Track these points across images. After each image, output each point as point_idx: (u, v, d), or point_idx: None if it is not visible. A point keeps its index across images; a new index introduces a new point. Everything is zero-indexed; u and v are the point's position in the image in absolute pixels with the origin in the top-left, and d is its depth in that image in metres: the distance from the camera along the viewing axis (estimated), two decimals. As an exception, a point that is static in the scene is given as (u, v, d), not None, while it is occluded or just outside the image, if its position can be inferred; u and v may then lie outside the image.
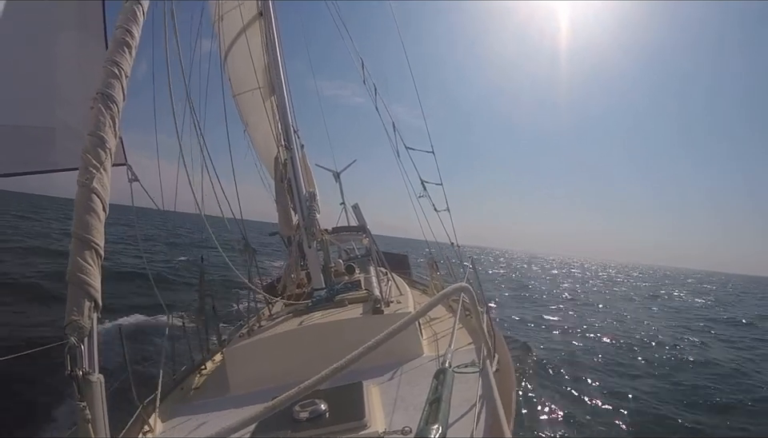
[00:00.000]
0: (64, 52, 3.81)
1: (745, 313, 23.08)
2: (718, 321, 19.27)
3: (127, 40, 2.25)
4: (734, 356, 11.87)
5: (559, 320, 16.21)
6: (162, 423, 3.19)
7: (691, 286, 51.65)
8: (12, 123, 3.54)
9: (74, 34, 3.85)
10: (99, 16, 3.97)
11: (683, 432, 6.65)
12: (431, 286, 6.37)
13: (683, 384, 9.04)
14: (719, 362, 10.89)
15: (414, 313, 1.87)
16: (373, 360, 3.06)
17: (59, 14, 3.78)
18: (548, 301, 22.41)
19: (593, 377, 9.02)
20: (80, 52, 3.87)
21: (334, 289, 4.90)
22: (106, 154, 1.94)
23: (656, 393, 8.30)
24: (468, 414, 2.23)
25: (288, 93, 6.18)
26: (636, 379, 9.27)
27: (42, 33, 3.64)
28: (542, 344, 11.62)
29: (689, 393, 8.46)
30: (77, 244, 1.74)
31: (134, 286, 13.41)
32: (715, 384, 9.08)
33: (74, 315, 1.62)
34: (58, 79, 3.80)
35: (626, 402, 7.65)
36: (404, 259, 11.75)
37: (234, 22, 7.20)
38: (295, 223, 5.96)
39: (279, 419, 2.31)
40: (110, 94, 2.06)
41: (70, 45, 3.83)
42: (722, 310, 24.97)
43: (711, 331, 16.30)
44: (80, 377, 1.55)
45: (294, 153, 5.80)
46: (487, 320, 3.42)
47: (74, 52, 3.85)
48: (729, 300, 34.22)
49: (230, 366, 3.77)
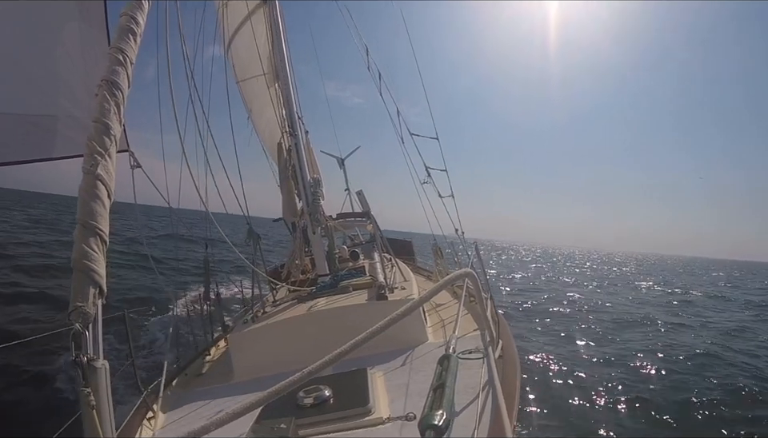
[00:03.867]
0: (65, 39, 3.78)
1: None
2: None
3: (132, 27, 2.23)
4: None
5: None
6: (166, 409, 3.21)
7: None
8: (13, 111, 3.53)
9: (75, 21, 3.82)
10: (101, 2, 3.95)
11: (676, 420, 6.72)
12: (435, 272, 6.38)
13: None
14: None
15: (418, 299, 1.87)
16: (377, 347, 3.07)
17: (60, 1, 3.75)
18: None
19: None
20: (81, 39, 3.84)
21: (339, 275, 4.91)
22: (110, 141, 1.93)
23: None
24: (472, 400, 2.24)
25: (293, 80, 6.15)
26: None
27: (42, 21, 3.62)
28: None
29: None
30: (81, 230, 1.74)
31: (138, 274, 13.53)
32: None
33: (79, 301, 1.62)
34: (59, 67, 3.78)
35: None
36: (408, 245, 11.75)
37: (238, 8, 7.15)
38: (300, 209, 5.97)
39: (283, 404, 2.33)
40: (115, 81, 2.05)
41: (71, 32, 3.80)
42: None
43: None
44: (85, 363, 1.56)
45: (299, 139, 5.79)
46: (491, 306, 3.42)
47: (76, 39, 3.82)
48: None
49: (234, 352, 3.79)
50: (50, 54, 3.75)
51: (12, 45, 3.52)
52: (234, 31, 7.43)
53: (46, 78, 3.74)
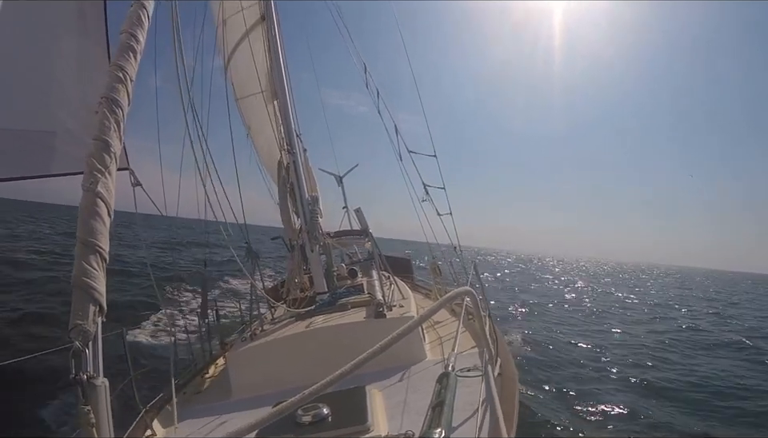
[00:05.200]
0: (64, 54, 3.78)
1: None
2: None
3: (132, 44, 2.26)
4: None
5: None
6: (165, 426, 3.18)
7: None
8: (11, 127, 3.53)
9: (75, 36, 3.82)
10: (100, 17, 3.94)
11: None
12: (434, 290, 6.36)
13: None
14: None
15: (418, 318, 1.86)
16: (376, 365, 3.04)
17: (59, 16, 3.76)
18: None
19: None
20: (81, 54, 3.84)
21: (337, 293, 4.90)
22: (110, 158, 1.94)
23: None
24: (471, 418, 2.23)
25: (291, 97, 6.19)
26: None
27: (41, 36, 3.62)
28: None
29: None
30: (81, 248, 1.74)
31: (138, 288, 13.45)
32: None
33: (79, 319, 1.62)
34: (58, 82, 3.78)
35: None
36: (407, 263, 11.70)
37: (236, 26, 7.21)
38: (297, 227, 5.96)
39: (282, 422, 2.31)
40: (115, 99, 2.06)
41: (70, 48, 3.80)
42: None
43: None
44: (84, 381, 1.55)
45: (297, 156, 5.81)
46: (490, 323, 3.42)
47: (75, 54, 3.83)
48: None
49: (232, 370, 3.77)
50: (49, 69, 3.74)
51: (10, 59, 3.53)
52: (232, 49, 7.50)
53: (45, 94, 3.73)
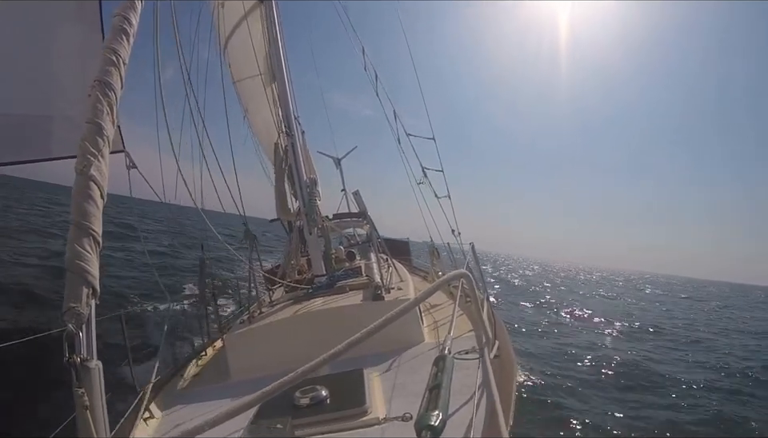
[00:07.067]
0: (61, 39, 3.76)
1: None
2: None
3: (125, 27, 2.22)
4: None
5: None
6: (162, 409, 3.21)
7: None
8: (8, 111, 3.51)
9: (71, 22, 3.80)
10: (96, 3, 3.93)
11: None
12: (432, 273, 6.37)
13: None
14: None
15: (414, 299, 1.87)
16: (373, 348, 3.06)
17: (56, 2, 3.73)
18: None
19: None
20: (77, 39, 3.81)
21: (335, 276, 4.91)
22: (103, 142, 1.93)
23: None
24: (468, 400, 2.24)
25: (289, 80, 6.14)
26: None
27: (38, 21, 3.59)
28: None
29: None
30: (75, 231, 1.74)
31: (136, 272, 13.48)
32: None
33: (72, 302, 1.62)
34: (54, 67, 3.76)
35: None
36: (405, 246, 11.76)
37: (234, 9, 7.13)
38: (295, 209, 5.95)
39: (280, 404, 2.33)
40: (108, 82, 2.04)
41: (66, 33, 3.78)
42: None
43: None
44: (78, 364, 1.56)
45: (295, 139, 5.79)
46: (487, 306, 3.42)
47: (71, 39, 3.80)
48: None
49: (230, 353, 3.79)
50: (46, 54, 3.72)
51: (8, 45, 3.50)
52: (230, 31, 7.40)
53: (42, 78, 3.71)
